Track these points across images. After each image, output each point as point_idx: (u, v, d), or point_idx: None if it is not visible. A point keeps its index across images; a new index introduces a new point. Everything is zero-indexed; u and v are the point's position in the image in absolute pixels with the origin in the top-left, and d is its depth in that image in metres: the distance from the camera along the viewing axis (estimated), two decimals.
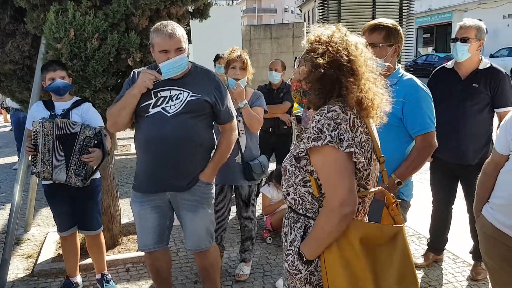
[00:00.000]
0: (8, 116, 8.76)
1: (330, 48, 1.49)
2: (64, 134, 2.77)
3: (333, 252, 1.46)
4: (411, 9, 5.86)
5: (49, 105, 2.91)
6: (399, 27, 2.31)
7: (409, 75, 2.31)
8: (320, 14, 5.80)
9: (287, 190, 1.60)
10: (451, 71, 3.11)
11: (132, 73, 2.54)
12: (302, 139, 1.54)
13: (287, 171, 1.58)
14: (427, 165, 3.00)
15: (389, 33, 2.26)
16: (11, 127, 8.30)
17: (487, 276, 3.08)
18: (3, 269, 3.24)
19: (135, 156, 2.62)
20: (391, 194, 1.61)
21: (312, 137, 1.46)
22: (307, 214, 1.57)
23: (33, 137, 2.78)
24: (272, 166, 4.78)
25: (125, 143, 8.49)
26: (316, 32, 1.56)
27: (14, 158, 7.01)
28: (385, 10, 5.68)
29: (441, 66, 3.25)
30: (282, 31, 14.15)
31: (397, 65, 2.33)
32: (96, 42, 2.95)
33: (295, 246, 1.56)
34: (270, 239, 4.01)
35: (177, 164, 2.42)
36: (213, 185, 2.61)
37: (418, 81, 2.29)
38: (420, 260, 3.40)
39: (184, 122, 2.39)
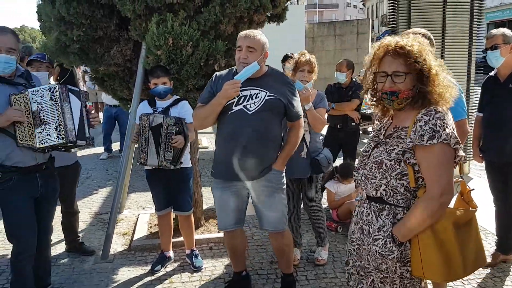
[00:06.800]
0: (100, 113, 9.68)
1: (423, 54, 1.73)
2: (154, 126, 3.23)
3: (428, 234, 1.67)
4: (482, 4, 5.76)
5: (152, 104, 3.43)
6: (425, 40, 1.83)
7: None
8: (391, 11, 5.84)
9: (380, 182, 1.78)
10: (493, 78, 3.38)
11: (214, 76, 2.92)
12: (398, 136, 1.77)
13: (384, 165, 1.76)
14: None
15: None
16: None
17: None
18: (107, 242, 3.79)
19: (205, 149, 2.97)
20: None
21: (426, 135, 1.64)
22: (399, 204, 1.76)
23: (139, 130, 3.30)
24: (338, 162, 5.01)
25: (198, 137, 9.02)
26: (407, 42, 1.75)
27: (100, 149, 7.80)
28: (456, 6, 5.63)
29: (488, 76, 3.49)
30: (346, 28, 14.07)
31: None
32: (190, 49, 3.36)
33: (384, 231, 1.76)
34: (340, 227, 4.29)
35: (254, 156, 2.75)
36: (284, 174, 2.93)
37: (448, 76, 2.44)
38: (487, 259, 3.45)
39: (262, 119, 2.74)
